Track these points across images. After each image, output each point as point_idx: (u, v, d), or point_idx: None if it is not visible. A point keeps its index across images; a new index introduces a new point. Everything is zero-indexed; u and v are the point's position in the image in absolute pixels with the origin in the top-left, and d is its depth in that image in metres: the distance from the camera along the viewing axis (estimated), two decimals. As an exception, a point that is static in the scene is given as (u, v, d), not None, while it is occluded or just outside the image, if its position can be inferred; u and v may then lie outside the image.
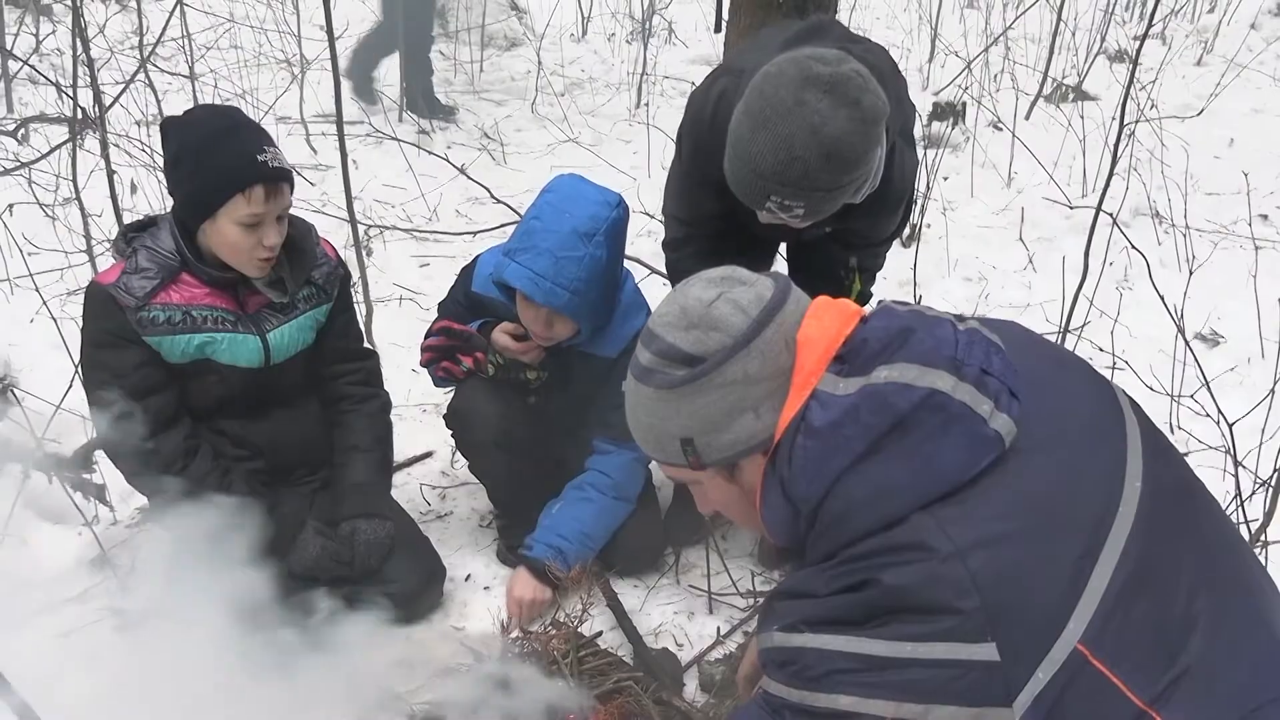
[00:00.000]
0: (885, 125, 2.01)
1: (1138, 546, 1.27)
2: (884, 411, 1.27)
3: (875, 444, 1.27)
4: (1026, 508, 1.27)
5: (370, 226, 4.44)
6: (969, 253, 4.50)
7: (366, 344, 2.83)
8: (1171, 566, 1.30)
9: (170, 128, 2.20)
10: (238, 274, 2.26)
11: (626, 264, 2.57)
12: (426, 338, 2.64)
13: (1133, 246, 3.15)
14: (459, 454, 2.83)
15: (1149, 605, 1.26)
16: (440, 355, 2.58)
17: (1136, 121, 4.06)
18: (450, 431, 2.69)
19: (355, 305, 2.67)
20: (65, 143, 3.45)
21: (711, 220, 2.43)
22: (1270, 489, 2.46)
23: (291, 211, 2.27)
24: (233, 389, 2.35)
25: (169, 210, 2.28)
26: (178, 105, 4.93)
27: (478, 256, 2.63)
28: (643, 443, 1.46)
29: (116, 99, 3.48)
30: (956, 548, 1.22)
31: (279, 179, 2.16)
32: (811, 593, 1.32)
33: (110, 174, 3.25)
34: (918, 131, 2.58)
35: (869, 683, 1.24)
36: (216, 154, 2.12)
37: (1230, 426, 2.48)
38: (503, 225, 4.31)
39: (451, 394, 2.70)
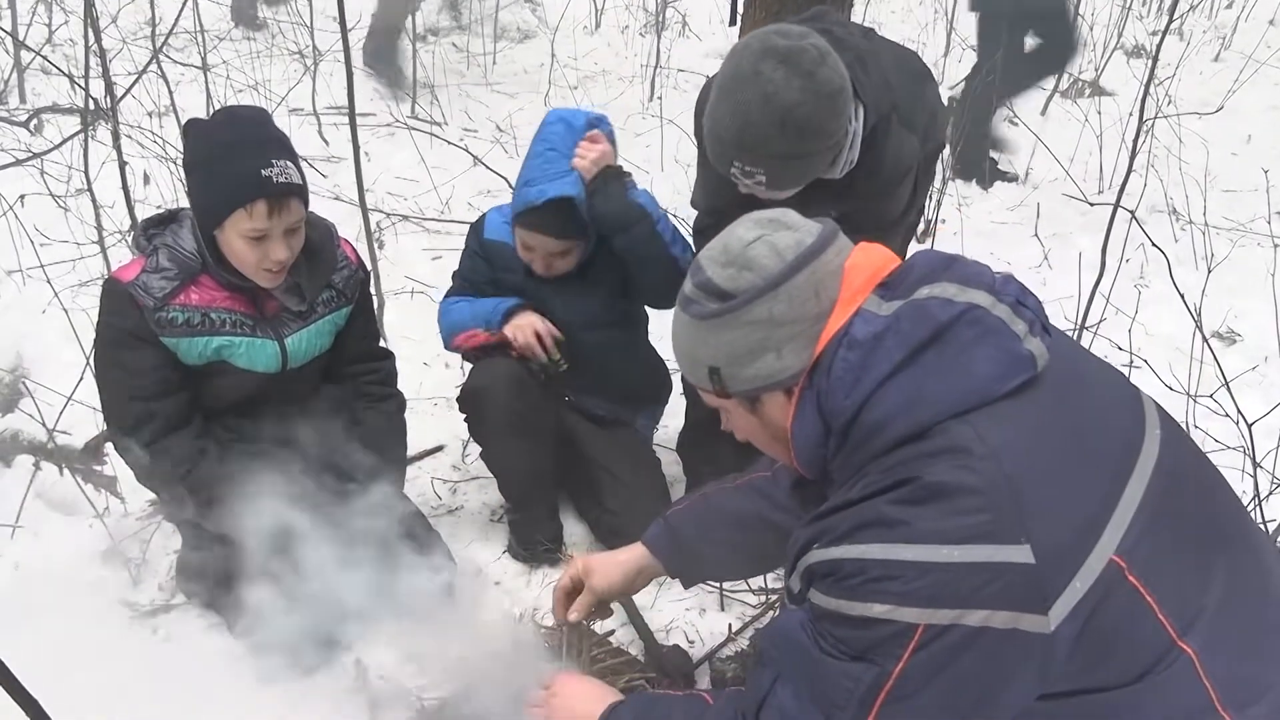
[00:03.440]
0: (866, 104, 2.12)
1: (1162, 481, 1.32)
2: (924, 322, 1.31)
3: (913, 354, 1.31)
4: (1059, 426, 1.32)
5: (382, 218, 4.43)
6: (983, 248, 4.46)
7: (383, 343, 2.82)
8: (1190, 511, 1.35)
9: (189, 132, 2.18)
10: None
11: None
12: (452, 335, 2.69)
13: (1152, 243, 3.12)
14: (471, 443, 2.80)
15: (1177, 536, 1.31)
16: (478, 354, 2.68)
17: (1154, 118, 4.02)
18: (463, 415, 2.69)
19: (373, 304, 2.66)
20: (77, 133, 3.44)
21: (731, 209, 2.42)
22: (1289, 489, 2.43)
23: (311, 209, 2.24)
24: (247, 390, 2.33)
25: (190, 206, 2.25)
26: (190, 96, 4.94)
27: (484, 214, 2.73)
28: (679, 364, 1.54)
29: (129, 90, 3.47)
30: (991, 449, 1.25)
31: (284, 194, 2.11)
32: (847, 503, 1.34)
33: (122, 165, 3.24)
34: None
35: (901, 591, 1.24)
36: (222, 167, 2.09)
37: (1249, 426, 2.45)
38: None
39: (467, 375, 2.71)
